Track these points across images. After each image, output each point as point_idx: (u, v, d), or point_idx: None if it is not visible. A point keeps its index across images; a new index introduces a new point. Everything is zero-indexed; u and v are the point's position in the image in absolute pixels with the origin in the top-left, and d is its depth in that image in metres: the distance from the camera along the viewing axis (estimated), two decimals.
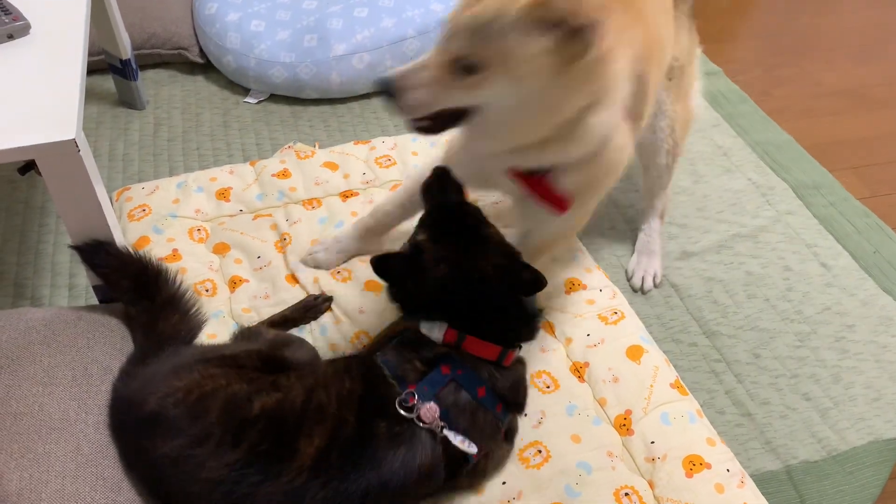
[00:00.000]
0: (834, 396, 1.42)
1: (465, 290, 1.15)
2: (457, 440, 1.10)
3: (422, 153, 1.88)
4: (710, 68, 2.24)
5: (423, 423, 1.08)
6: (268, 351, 1.22)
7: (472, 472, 1.17)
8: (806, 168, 1.93)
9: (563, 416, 1.33)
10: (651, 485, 1.24)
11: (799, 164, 1.94)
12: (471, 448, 1.11)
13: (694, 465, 1.26)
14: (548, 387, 1.38)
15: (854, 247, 1.72)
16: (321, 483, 1.02)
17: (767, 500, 1.23)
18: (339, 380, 1.13)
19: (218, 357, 1.16)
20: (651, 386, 1.36)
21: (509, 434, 1.25)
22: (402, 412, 1.08)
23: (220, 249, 1.63)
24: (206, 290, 1.53)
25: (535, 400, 1.34)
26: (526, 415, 1.29)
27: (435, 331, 1.16)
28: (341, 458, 1.04)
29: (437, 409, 1.09)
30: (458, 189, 1.23)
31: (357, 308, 1.49)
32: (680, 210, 1.81)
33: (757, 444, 1.35)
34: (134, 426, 1.07)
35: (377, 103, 2.12)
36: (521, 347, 1.22)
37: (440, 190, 1.23)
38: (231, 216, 1.72)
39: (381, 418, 1.08)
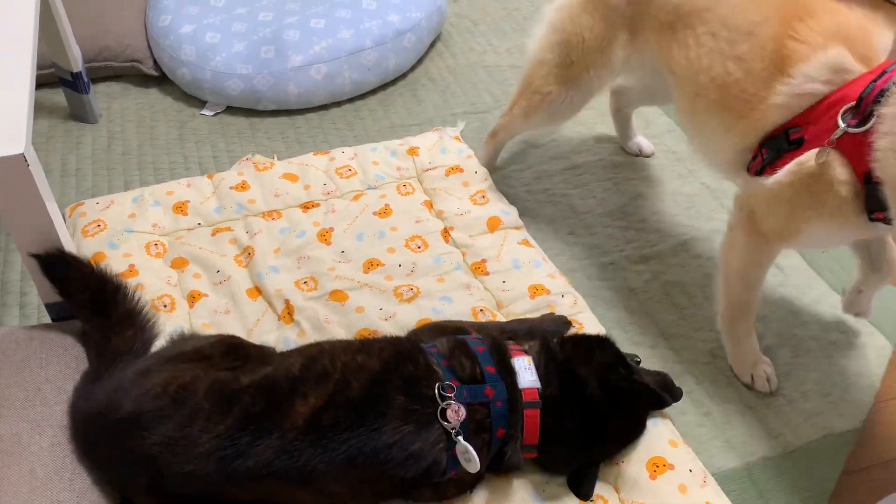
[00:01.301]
0: (788, 394, 1.46)
1: (596, 415, 1.18)
2: (462, 450, 1.09)
3: (382, 162, 1.88)
4: None
5: (447, 420, 1.08)
6: (229, 339, 1.22)
7: (437, 488, 1.16)
8: None
9: None
10: (616, 489, 1.26)
11: None
12: (469, 464, 1.10)
13: (658, 466, 1.27)
14: None
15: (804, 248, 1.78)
16: (311, 441, 1.03)
17: (729, 497, 1.25)
18: (350, 354, 1.13)
19: (181, 353, 1.16)
20: None
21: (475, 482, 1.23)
22: (437, 396, 1.08)
23: (179, 264, 1.61)
24: (165, 306, 1.50)
25: None
26: None
27: (528, 375, 1.17)
28: (336, 418, 1.04)
29: (464, 415, 1.09)
30: None
31: (322, 318, 1.48)
32: (637, 214, 1.84)
33: (718, 442, 1.38)
34: (114, 432, 1.06)
35: (336, 113, 2.12)
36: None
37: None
38: (189, 230, 1.69)
39: (403, 394, 1.09)
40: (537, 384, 1.17)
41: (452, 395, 1.10)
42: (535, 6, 2.63)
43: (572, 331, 1.45)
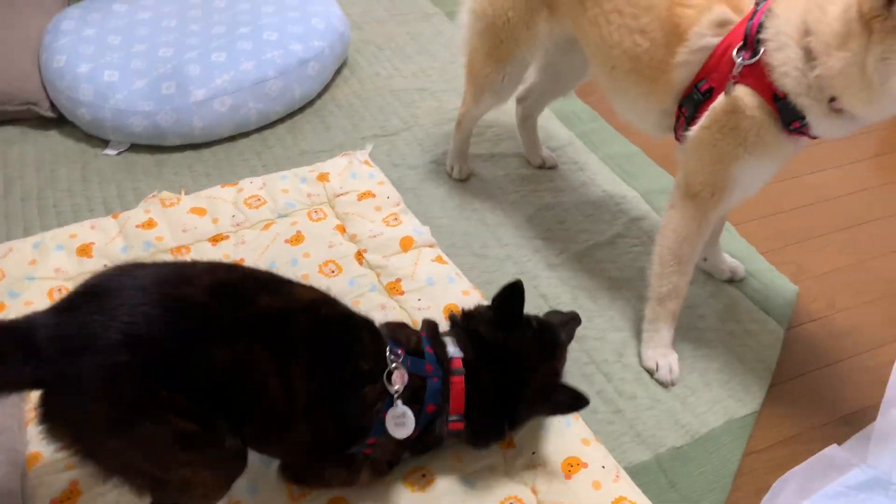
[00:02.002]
0: (691, 384, 1.54)
1: (509, 367, 1.24)
2: (398, 413, 1.15)
3: (292, 190, 1.89)
4: None
5: (391, 382, 1.15)
6: None
7: (351, 465, 1.20)
8: (653, 175, 2.08)
9: None
10: (534, 491, 1.30)
11: (647, 173, 2.09)
12: (399, 430, 1.16)
13: (572, 466, 1.32)
14: None
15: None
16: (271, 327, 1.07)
17: (641, 489, 1.31)
18: (320, 297, 1.18)
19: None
20: None
21: (393, 461, 1.27)
22: (387, 358, 1.16)
23: None
24: None
25: None
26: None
27: (451, 347, 1.25)
28: (299, 325, 1.10)
29: (407, 380, 1.16)
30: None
31: None
32: (543, 225, 1.90)
33: (628, 437, 1.43)
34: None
35: (244, 144, 2.12)
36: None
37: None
38: (95, 273, 1.65)
39: (357, 345, 1.16)
40: (459, 353, 1.24)
41: (399, 360, 1.17)
42: (438, 30, 2.70)
43: None
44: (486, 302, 1.60)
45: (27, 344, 0.96)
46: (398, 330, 1.27)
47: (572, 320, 1.42)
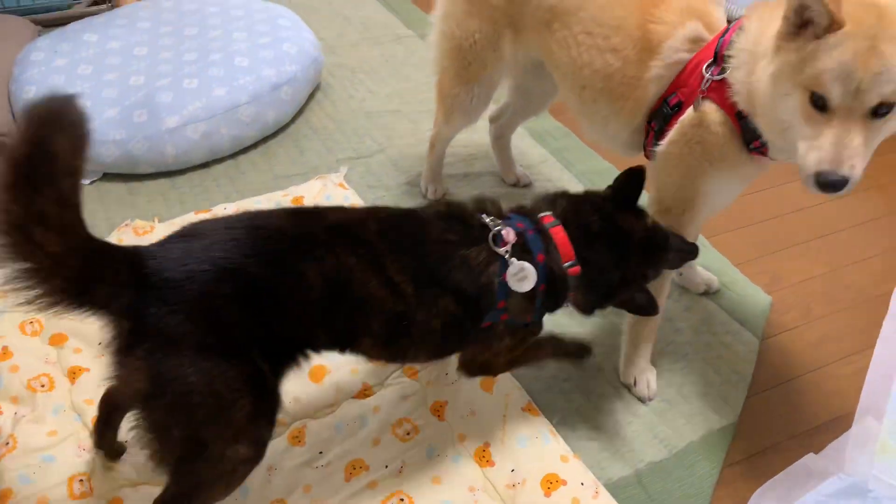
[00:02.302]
0: (669, 398, 1.54)
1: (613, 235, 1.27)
2: (516, 269, 1.17)
3: None
4: None
5: (499, 245, 1.18)
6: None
7: (488, 340, 1.24)
8: None
9: (422, 460, 1.36)
10: None
11: None
12: (524, 283, 1.17)
13: (551, 483, 1.32)
14: (408, 434, 1.40)
15: None
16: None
17: (620, 503, 1.31)
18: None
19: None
20: (505, 414, 1.42)
21: (531, 331, 1.30)
22: (488, 222, 1.20)
23: (58, 340, 1.55)
24: (42, 386, 1.44)
25: (393, 448, 1.37)
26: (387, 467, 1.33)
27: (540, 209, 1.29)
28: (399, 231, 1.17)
29: (514, 237, 1.19)
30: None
31: None
32: None
33: (608, 453, 1.43)
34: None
35: (218, 170, 2.11)
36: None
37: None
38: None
39: (458, 224, 1.20)
40: (549, 210, 1.27)
41: (500, 222, 1.21)
42: (411, 51, 2.72)
43: None
44: None
45: (131, 269, 0.99)
46: (482, 202, 1.28)
47: (689, 253, 1.40)
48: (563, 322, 1.70)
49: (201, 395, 1.00)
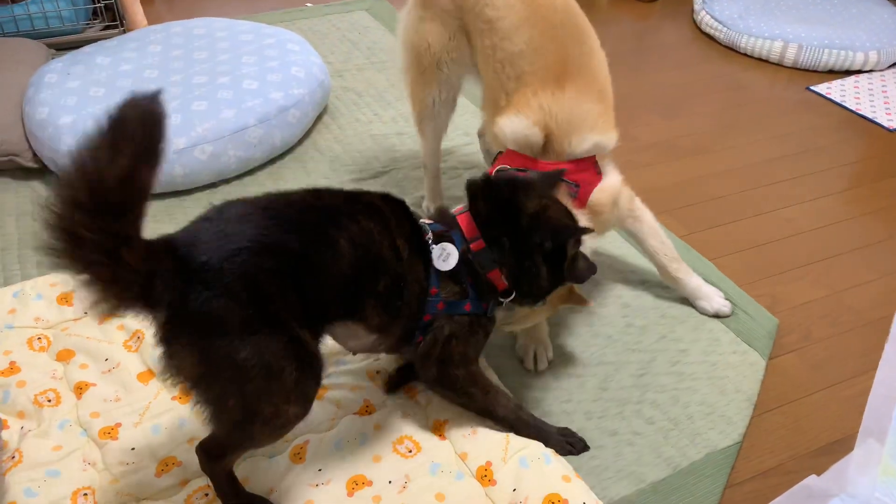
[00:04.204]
0: (674, 417, 1.55)
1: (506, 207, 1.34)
2: (439, 251, 1.30)
3: None
4: None
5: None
6: None
7: (436, 345, 1.32)
8: None
9: (426, 476, 1.36)
10: None
11: None
12: (448, 261, 1.29)
13: (553, 503, 1.32)
14: (409, 451, 1.41)
15: None
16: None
17: None
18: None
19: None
20: (506, 434, 1.42)
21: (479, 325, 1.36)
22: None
23: (64, 356, 1.57)
24: (49, 401, 1.46)
25: (398, 465, 1.37)
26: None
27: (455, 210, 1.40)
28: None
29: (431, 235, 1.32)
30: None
31: None
32: None
33: (610, 473, 1.43)
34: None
35: (225, 190, 2.15)
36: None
37: None
38: (75, 320, 1.66)
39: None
40: (464, 210, 1.37)
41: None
42: None
43: None
44: None
45: (174, 260, 1.03)
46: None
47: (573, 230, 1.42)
48: (567, 343, 1.71)
49: (252, 368, 1.06)
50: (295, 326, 1.11)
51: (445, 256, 1.31)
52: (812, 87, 2.89)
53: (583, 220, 1.46)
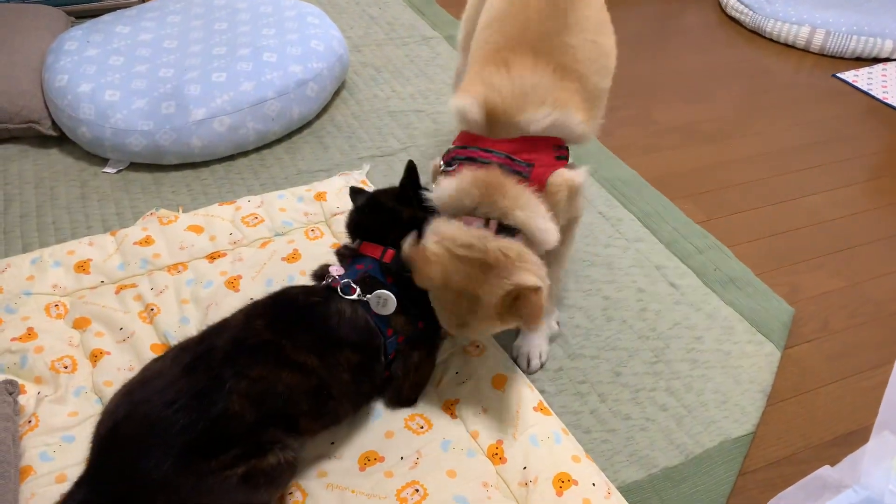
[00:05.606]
0: (688, 404, 1.54)
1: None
2: (375, 298, 1.33)
3: (289, 209, 1.90)
4: None
5: (346, 294, 1.33)
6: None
7: (405, 368, 1.40)
8: (649, 198, 2.10)
9: (438, 452, 1.36)
10: None
11: (643, 196, 2.11)
12: (387, 306, 1.33)
13: (563, 482, 1.32)
14: (421, 427, 1.41)
15: (697, 266, 1.88)
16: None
17: None
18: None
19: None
20: (517, 412, 1.42)
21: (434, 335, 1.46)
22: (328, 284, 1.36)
23: (81, 324, 1.58)
24: (65, 367, 1.47)
25: (410, 441, 1.38)
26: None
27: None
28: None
29: (353, 284, 1.34)
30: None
31: None
32: None
33: (622, 457, 1.43)
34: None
35: (242, 163, 2.14)
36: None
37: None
38: (92, 289, 1.67)
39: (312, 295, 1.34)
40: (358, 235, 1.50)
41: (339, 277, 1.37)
42: (436, 52, 2.74)
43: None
44: None
45: None
46: (319, 272, 1.47)
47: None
48: (582, 325, 1.70)
49: None
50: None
51: (383, 303, 1.34)
52: (838, 75, 2.84)
53: (536, 201, 1.35)
